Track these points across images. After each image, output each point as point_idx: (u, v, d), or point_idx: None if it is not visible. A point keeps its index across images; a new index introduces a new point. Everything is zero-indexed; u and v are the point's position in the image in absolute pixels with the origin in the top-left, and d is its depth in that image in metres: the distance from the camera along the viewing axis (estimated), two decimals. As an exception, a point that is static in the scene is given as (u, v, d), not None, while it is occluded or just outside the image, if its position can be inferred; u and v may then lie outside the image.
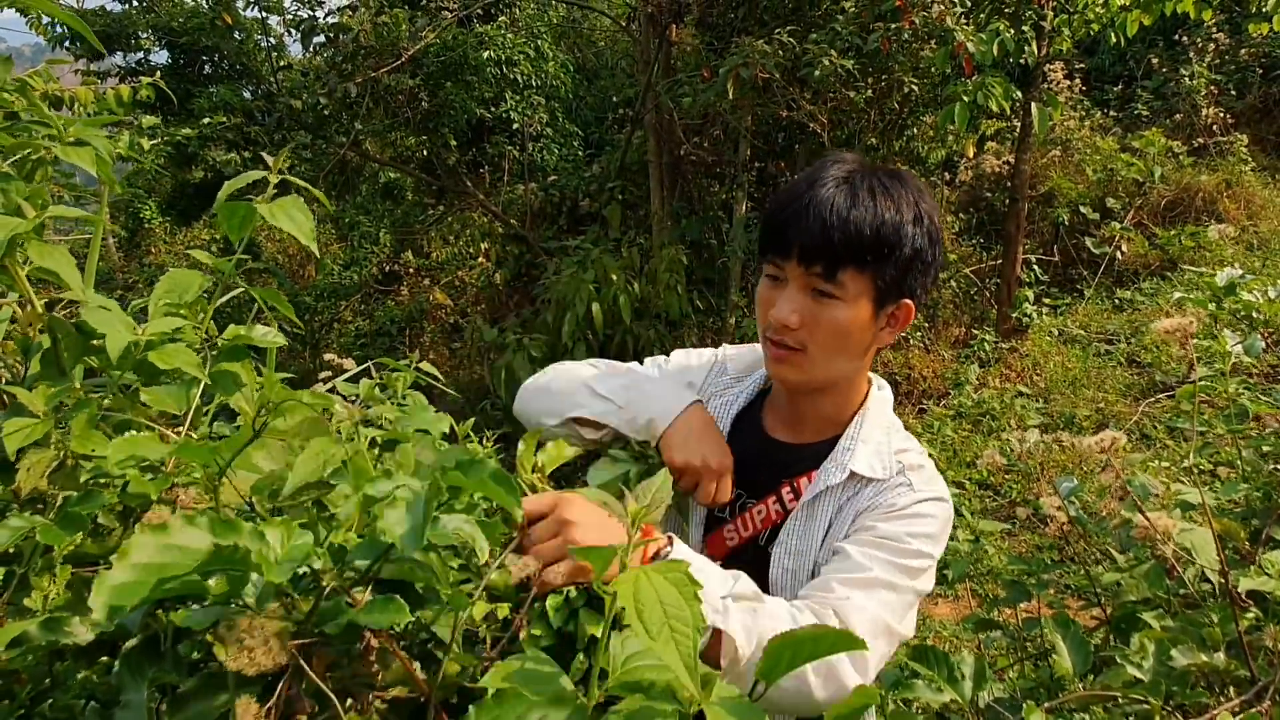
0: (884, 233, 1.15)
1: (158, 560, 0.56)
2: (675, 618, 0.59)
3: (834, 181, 1.17)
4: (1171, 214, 7.99)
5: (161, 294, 1.00)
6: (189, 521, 0.57)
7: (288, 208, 1.13)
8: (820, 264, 1.15)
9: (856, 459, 1.25)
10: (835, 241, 1.14)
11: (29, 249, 0.79)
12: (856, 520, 1.23)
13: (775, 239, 1.19)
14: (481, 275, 9.25)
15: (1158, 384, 5.70)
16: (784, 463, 1.31)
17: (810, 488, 1.26)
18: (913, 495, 1.22)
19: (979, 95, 4.92)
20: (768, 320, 1.21)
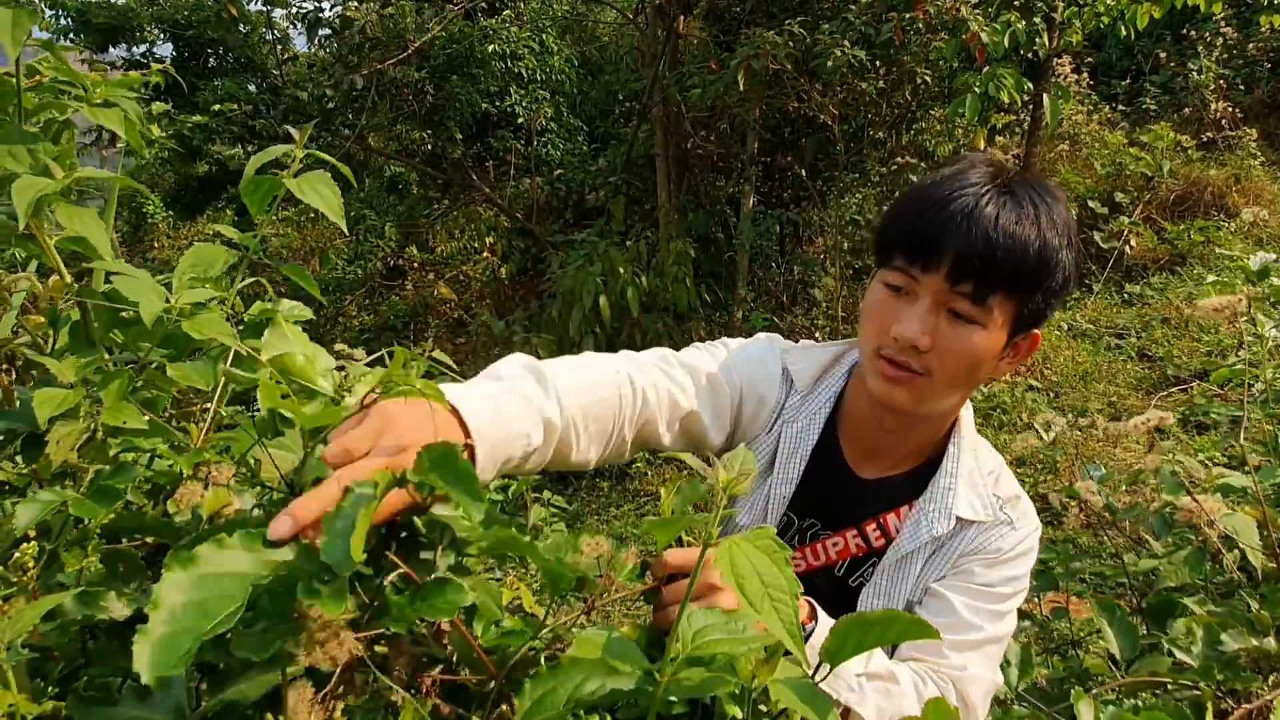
0: (1044, 256, 1.02)
1: (196, 597, 0.53)
2: (773, 586, 0.57)
3: (993, 188, 1.03)
4: (1180, 209, 7.95)
5: (186, 268, 0.98)
6: (219, 545, 0.54)
7: (314, 182, 1.10)
8: (971, 283, 1.01)
9: (959, 501, 1.15)
10: (998, 260, 1.00)
11: (58, 212, 0.76)
12: (957, 561, 1.16)
13: (916, 246, 1.04)
14: (486, 270, 9.22)
15: (1170, 378, 5.66)
16: (867, 500, 1.21)
17: (910, 535, 1.17)
18: (1015, 537, 1.16)
19: (990, 86, 4.88)
20: (885, 335, 1.07)
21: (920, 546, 1.16)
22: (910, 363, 1.05)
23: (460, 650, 0.71)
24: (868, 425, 1.20)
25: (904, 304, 1.06)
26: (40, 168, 0.74)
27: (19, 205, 0.72)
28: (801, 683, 0.68)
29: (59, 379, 0.80)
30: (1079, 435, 1.80)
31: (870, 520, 1.21)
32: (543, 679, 0.67)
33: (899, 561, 1.18)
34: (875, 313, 1.09)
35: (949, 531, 1.15)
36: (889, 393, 1.09)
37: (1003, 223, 1.00)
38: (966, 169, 1.08)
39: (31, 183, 0.72)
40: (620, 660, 0.66)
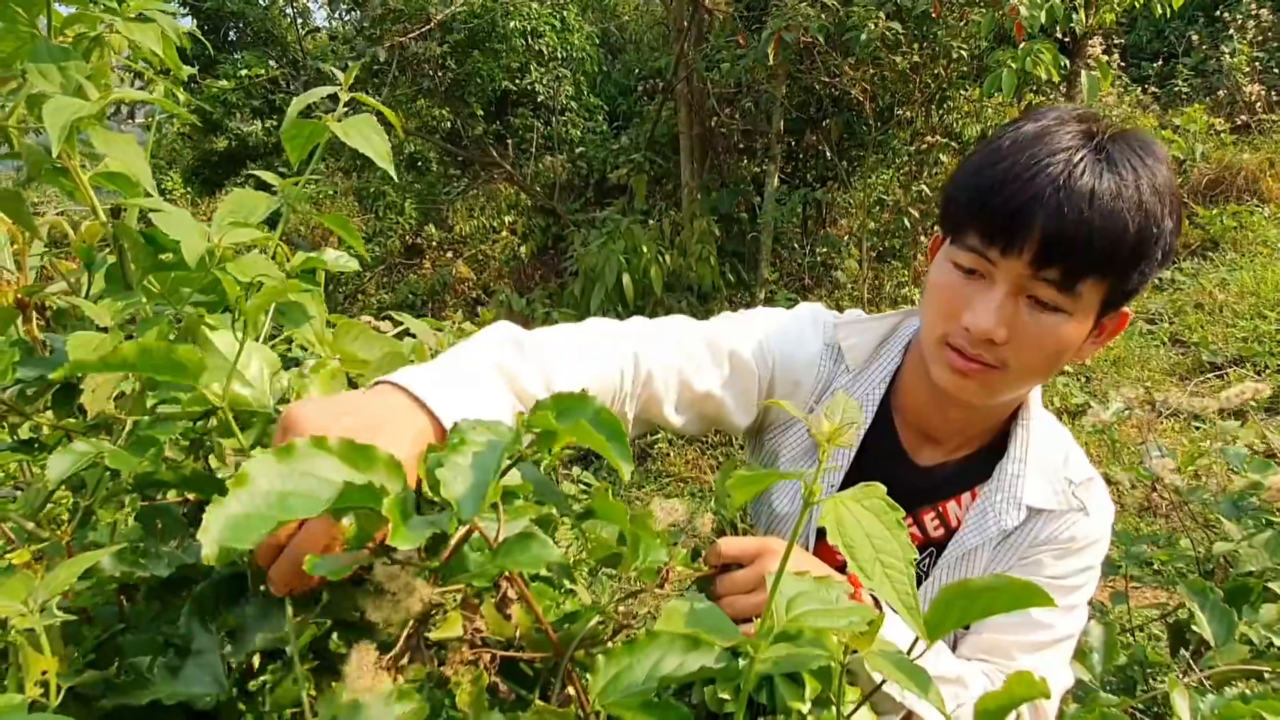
0: (1145, 232, 0.86)
1: (281, 488, 0.46)
2: (884, 551, 0.50)
3: (1088, 152, 0.87)
4: (1213, 193, 7.79)
5: (226, 214, 0.91)
6: (318, 446, 0.47)
7: (360, 126, 1.04)
8: (1059, 269, 0.87)
9: (1029, 489, 1.04)
10: (1092, 243, 0.85)
11: (94, 137, 0.69)
12: (1025, 553, 1.06)
13: (994, 225, 0.88)
14: (505, 249, 9.16)
15: (1204, 363, 5.54)
16: (924, 487, 1.10)
17: (976, 528, 1.07)
18: (1087, 524, 1.05)
19: (1027, 62, 4.75)
20: (954, 324, 0.93)
21: (987, 540, 1.06)
22: (983, 355, 0.93)
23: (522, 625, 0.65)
24: (926, 409, 1.08)
25: (977, 289, 0.92)
26: (73, 87, 0.68)
27: (52, 129, 0.65)
28: (901, 657, 0.62)
29: (95, 322, 0.74)
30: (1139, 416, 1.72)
31: (928, 509, 1.11)
32: (617, 655, 0.61)
33: (963, 556, 1.08)
34: (943, 297, 0.95)
35: (1017, 525, 1.05)
36: (958, 385, 0.96)
37: (1100, 197, 0.85)
38: (1055, 126, 0.91)
39: (65, 104, 0.65)
40: (712, 631, 0.60)
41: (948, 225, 0.97)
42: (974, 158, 0.96)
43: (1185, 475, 1.69)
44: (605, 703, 0.58)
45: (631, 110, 9.80)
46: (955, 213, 0.94)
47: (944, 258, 0.96)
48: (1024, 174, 0.87)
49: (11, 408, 0.84)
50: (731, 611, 0.76)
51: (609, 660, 0.61)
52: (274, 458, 0.44)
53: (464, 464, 0.46)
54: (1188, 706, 0.95)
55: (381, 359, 0.92)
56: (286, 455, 0.44)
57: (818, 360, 1.10)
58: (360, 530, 0.48)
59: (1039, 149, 0.89)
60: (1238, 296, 6.26)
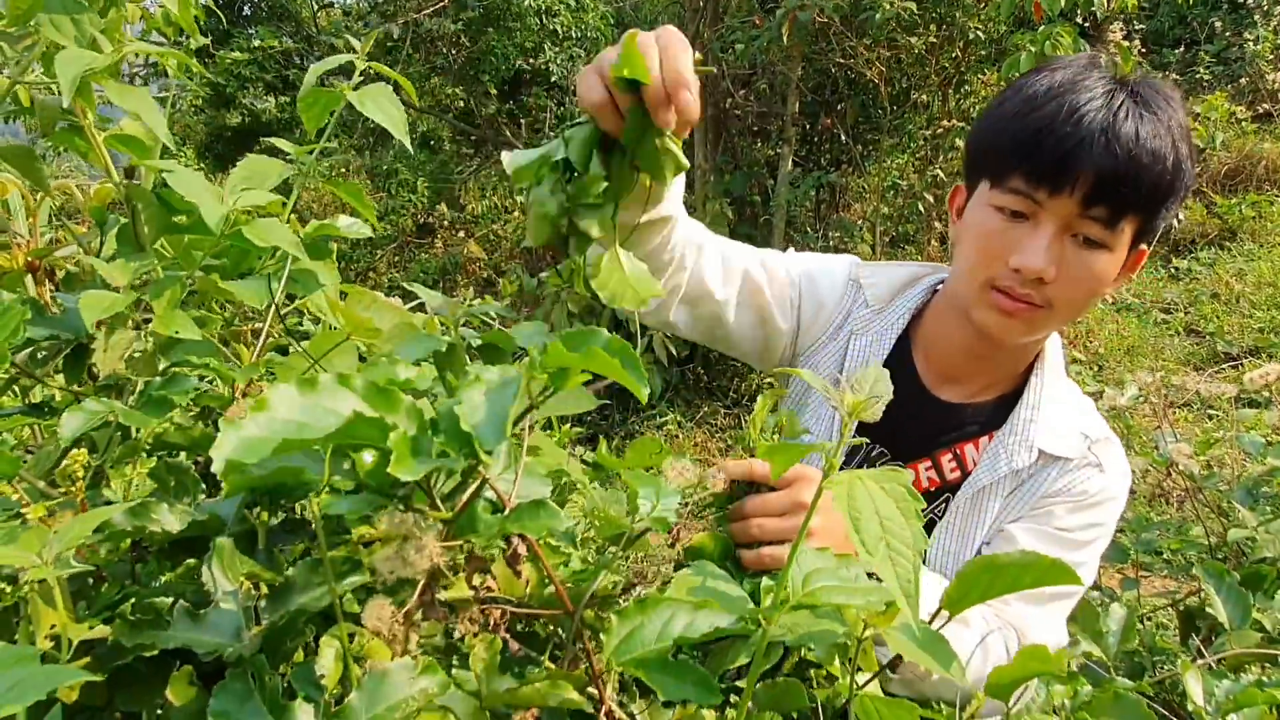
0: (1179, 170, 0.93)
1: (300, 419, 0.46)
2: (893, 534, 0.49)
3: (1126, 95, 0.92)
4: (1232, 182, 7.71)
5: (239, 180, 0.91)
6: (345, 382, 0.47)
7: (376, 95, 1.03)
8: (1107, 206, 0.92)
9: (1042, 434, 1.07)
10: (1139, 180, 0.90)
11: (108, 90, 0.69)
12: (1038, 502, 1.08)
13: (1044, 166, 0.92)
14: (517, 229, 9.15)
15: (1219, 353, 5.49)
16: (944, 426, 1.12)
17: (988, 468, 1.08)
18: (1101, 480, 1.07)
19: (1047, 45, 4.69)
20: (1000, 265, 0.97)
21: (998, 480, 1.08)
22: (1031, 295, 0.96)
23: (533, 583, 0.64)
24: (952, 349, 1.12)
25: (1023, 230, 0.95)
26: (87, 40, 0.67)
27: (63, 80, 0.65)
28: (922, 629, 0.61)
29: (108, 281, 0.74)
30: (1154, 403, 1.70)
31: (945, 450, 1.13)
32: (629, 614, 0.61)
33: (975, 496, 1.10)
34: (986, 241, 0.98)
35: (1030, 466, 1.07)
36: (1003, 326, 1.00)
37: (1143, 139, 0.90)
38: (1082, 74, 0.96)
39: (77, 55, 0.65)
40: (721, 602, 0.60)
41: (988, 171, 1.00)
42: (1003, 106, 1.00)
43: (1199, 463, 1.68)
44: (620, 661, 0.58)
45: (645, 91, 9.73)
46: (997, 158, 0.97)
47: (984, 203, 0.99)
48: (1070, 117, 0.91)
49: (23, 370, 0.84)
50: (760, 533, 0.77)
51: (621, 619, 0.61)
52: (297, 389, 0.44)
53: (479, 397, 0.46)
54: (1201, 690, 0.94)
55: (393, 329, 0.91)
56: (309, 388, 0.44)
57: (841, 287, 1.17)
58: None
59: (1078, 95, 0.93)
60: (1255, 287, 6.20)
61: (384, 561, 0.45)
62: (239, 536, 0.62)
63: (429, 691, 0.54)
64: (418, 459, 0.42)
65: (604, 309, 5.99)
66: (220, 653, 0.56)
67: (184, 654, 0.59)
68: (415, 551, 0.45)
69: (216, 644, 0.55)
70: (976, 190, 1.03)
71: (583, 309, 5.85)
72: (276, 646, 0.57)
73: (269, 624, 0.55)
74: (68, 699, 0.60)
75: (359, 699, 0.53)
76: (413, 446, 0.43)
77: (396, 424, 0.43)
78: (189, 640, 0.55)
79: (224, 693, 0.51)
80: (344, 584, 0.54)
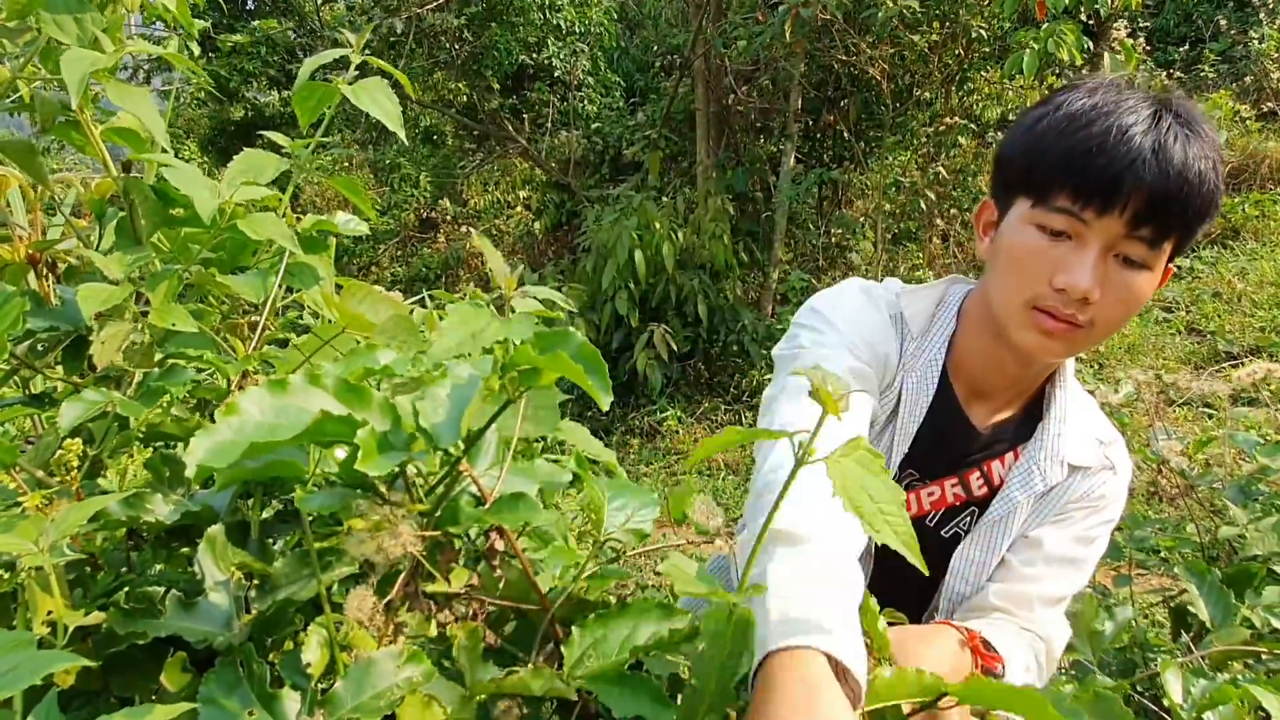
0: (1218, 194, 0.93)
1: (269, 420, 0.47)
2: (881, 501, 0.51)
3: (1170, 116, 0.92)
4: (1236, 181, 7.68)
5: (236, 173, 0.92)
6: (314, 381, 0.48)
7: (372, 89, 1.04)
8: (1152, 226, 0.91)
9: (1068, 446, 1.09)
10: (1186, 200, 0.90)
11: (108, 89, 0.70)
12: (1062, 508, 1.11)
13: (1093, 185, 0.91)
14: (519, 224, 9.15)
15: (1220, 353, 5.49)
16: (974, 446, 1.13)
17: (1021, 485, 1.11)
18: (1115, 483, 1.11)
19: (1050, 43, 4.68)
20: (1044, 286, 0.95)
21: (1031, 496, 1.11)
22: (1075, 315, 0.95)
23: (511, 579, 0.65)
24: (986, 368, 1.12)
25: (1068, 250, 0.94)
26: (89, 39, 0.68)
27: (70, 81, 0.66)
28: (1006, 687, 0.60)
29: (105, 274, 0.75)
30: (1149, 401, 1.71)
31: (973, 469, 1.14)
32: (591, 626, 0.62)
33: (1005, 514, 1.12)
34: (1029, 260, 0.96)
35: (1061, 481, 1.10)
36: (1044, 347, 0.99)
37: (1192, 159, 0.90)
38: (1124, 93, 0.95)
39: (82, 55, 0.66)
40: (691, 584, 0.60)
41: (1030, 188, 0.98)
42: (1042, 123, 0.98)
43: (1195, 462, 1.69)
44: (577, 676, 0.58)
45: (649, 87, 9.73)
46: (1042, 175, 0.95)
47: (1025, 221, 0.98)
48: (1121, 137, 0.90)
49: (23, 362, 0.85)
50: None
51: (583, 631, 0.62)
52: (268, 390, 0.45)
53: (442, 395, 0.47)
54: (1180, 687, 0.95)
55: (387, 321, 0.92)
56: (280, 389, 0.45)
57: (890, 329, 1.13)
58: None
59: (1124, 116, 0.92)
60: (1257, 286, 6.19)
61: (360, 548, 0.46)
62: (231, 527, 0.63)
63: (414, 680, 0.55)
64: (385, 454, 0.43)
65: (606, 303, 6.00)
66: (211, 641, 0.57)
67: (177, 641, 0.61)
68: (391, 540, 0.46)
69: (207, 632, 0.56)
70: (1013, 207, 1.00)
71: (583, 305, 5.86)
72: (266, 635, 0.58)
73: (258, 613, 0.56)
74: (64, 684, 0.61)
75: (345, 687, 0.54)
76: (381, 442, 0.44)
77: (367, 420, 0.44)
78: (181, 629, 0.57)
79: (213, 680, 0.52)
80: (330, 575, 0.55)
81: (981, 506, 1.15)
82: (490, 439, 0.59)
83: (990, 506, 1.13)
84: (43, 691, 0.56)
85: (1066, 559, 1.09)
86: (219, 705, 0.51)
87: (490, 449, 0.59)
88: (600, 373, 0.48)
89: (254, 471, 0.51)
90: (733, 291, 6.43)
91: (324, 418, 0.42)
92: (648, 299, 6.10)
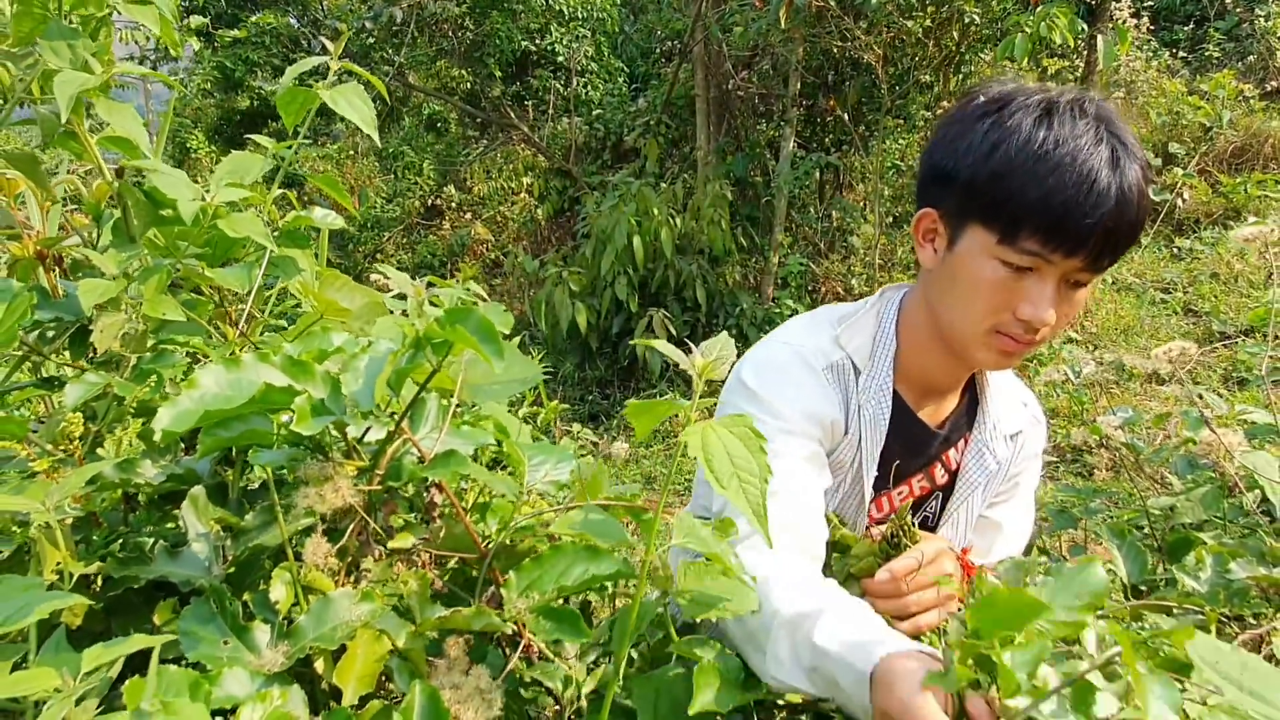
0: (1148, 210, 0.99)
1: (226, 392, 0.57)
2: (743, 469, 0.59)
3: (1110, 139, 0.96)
4: (1239, 161, 7.67)
5: (224, 174, 1.01)
6: (264, 359, 0.57)
7: (348, 94, 1.12)
8: (1108, 259, 0.97)
9: (1003, 420, 1.24)
10: (1136, 227, 0.96)
11: (98, 106, 0.79)
12: (1010, 476, 1.26)
13: (1061, 231, 0.95)
14: (524, 210, 9.22)
15: (1215, 333, 5.54)
16: (933, 445, 1.23)
17: (977, 467, 1.24)
18: (1041, 431, 1.28)
19: (1042, 27, 4.72)
20: (1006, 315, 1.01)
21: (988, 474, 1.24)
22: (1034, 337, 1.02)
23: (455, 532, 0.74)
24: (935, 376, 1.19)
25: (1030, 283, 0.99)
26: (80, 63, 0.77)
27: (61, 100, 0.75)
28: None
29: (102, 270, 0.84)
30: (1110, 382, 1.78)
31: (935, 463, 1.25)
32: (527, 569, 0.72)
33: (967, 493, 1.25)
34: (991, 293, 1.01)
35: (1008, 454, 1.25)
36: (1003, 363, 1.07)
37: (1141, 188, 0.96)
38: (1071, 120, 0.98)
39: (73, 78, 0.75)
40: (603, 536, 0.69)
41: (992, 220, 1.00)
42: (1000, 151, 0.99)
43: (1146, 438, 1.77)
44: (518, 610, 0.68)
45: (651, 72, 9.77)
46: (1012, 218, 0.98)
47: (988, 255, 1.00)
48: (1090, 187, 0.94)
49: (33, 349, 0.95)
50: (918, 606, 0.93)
51: (520, 575, 0.71)
52: (224, 366, 0.54)
53: (360, 367, 0.57)
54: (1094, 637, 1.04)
55: (361, 308, 1.02)
56: (235, 365, 0.55)
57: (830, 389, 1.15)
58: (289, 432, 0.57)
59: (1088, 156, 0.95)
60: (1255, 267, 6.22)
61: (304, 499, 0.56)
62: (213, 488, 0.72)
63: (365, 616, 0.65)
64: (317, 418, 0.52)
65: (606, 289, 6.08)
66: (194, 583, 0.67)
67: (169, 588, 0.71)
68: (332, 492, 0.55)
69: (189, 575, 0.66)
70: (970, 233, 1.02)
71: (583, 289, 5.95)
72: (241, 579, 0.68)
73: (234, 558, 0.65)
74: (72, 623, 0.71)
75: (306, 621, 0.64)
76: (317, 407, 0.53)
77: (308, 390, 0.53)
78: (167, 573, 0.66)
79: (190, 615, 0.62)
80: (292, 526, 0.64)
81: (945, 491, 1.26)
82: (432, 408, 0.69)
83: (954, 491, 1.25)
84: (54, 630, 0.66)
85: (1017, 522, 1.28)
86: (196, 635, 0.61)
87: (431, 416, 0.68)
88: (493, 341, 0.57)
89: (230, 440, 0.61)
90: (731, 276, 6.50)
91: (267, 389, 0.52)
92: (647, 284, 6.19)
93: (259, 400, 0.52)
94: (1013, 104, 1.00)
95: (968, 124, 1.03)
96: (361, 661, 0.65)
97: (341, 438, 0.59)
